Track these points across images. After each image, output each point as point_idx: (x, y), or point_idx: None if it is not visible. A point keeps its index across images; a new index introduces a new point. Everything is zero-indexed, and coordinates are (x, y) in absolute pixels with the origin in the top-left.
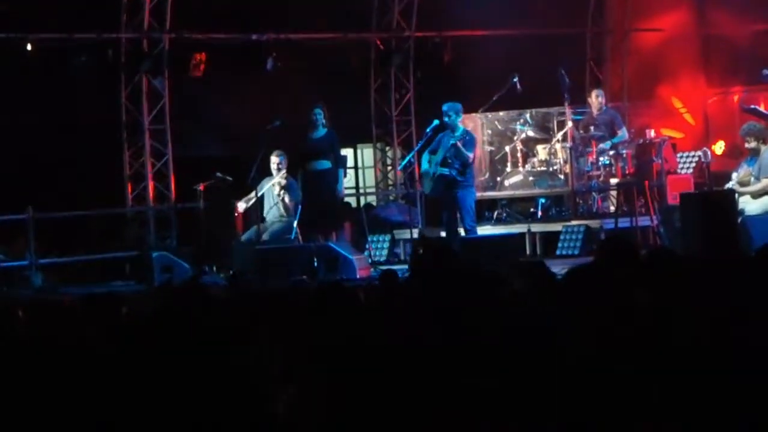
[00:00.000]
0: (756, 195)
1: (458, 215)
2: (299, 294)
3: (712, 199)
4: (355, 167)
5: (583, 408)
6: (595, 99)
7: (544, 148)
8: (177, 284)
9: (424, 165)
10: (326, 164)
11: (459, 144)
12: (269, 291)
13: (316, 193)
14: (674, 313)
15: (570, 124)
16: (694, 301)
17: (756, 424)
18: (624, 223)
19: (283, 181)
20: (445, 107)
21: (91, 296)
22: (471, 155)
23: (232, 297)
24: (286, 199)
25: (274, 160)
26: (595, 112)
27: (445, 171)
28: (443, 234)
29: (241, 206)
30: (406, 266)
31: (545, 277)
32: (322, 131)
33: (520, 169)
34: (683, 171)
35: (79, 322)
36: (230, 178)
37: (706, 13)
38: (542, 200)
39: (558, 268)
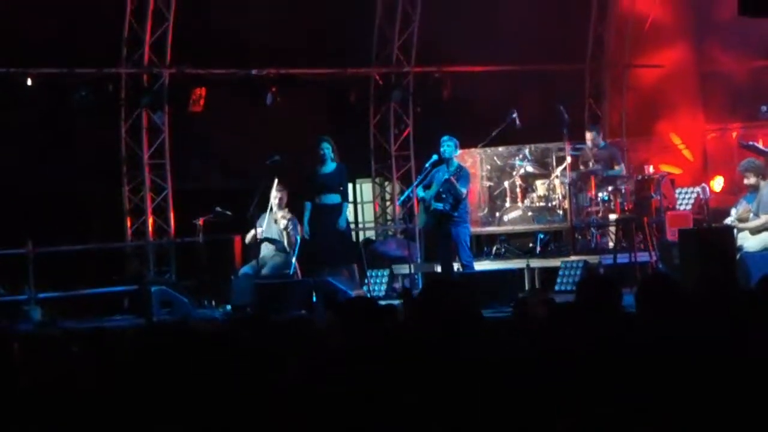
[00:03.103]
0: (755, 231)
1: (454, 250)
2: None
3: (710, 236)
4: (354, 202)
5: None
6: (590, 140)
7: (543, 184)
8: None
9: (422, 195)
10: (335, 198)
11: (452, 179)
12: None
13: (324, 227)
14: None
15: (569, 159)
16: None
17: None
18: (623, 259)
19: (288, 215)
20: (444, 138)
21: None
22: (464, 190)
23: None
24: (291, 235)
25: (275, 194)
26: (593, 149)
27: (439, 206)
28: (439, 269)
29: (250, 235)
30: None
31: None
32: (331, 165)
33: (519, 204)
34: (682, 207)
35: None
36: (230, 213)
37: (705, 50)
38: (541, 236)
39: None
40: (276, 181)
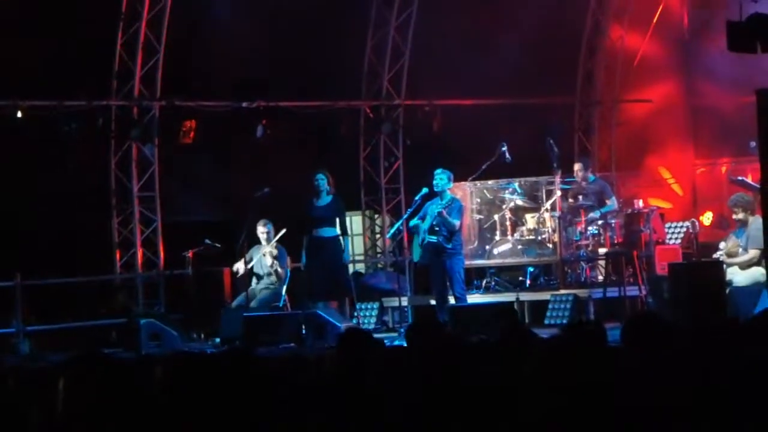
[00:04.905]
0: (744, 266)
1: (447, 283)
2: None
3: (700, 270)
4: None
5: None
6: (578, 172)
7: (533, 217)
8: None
9: (415, 223)
10: (332, 231)
11: (444, 212)
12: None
13: (321, 260)
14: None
15: (558, 193)
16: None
17: None
18: (612, 292)
19: (275, 251)
20: (437, 171)
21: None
22: (458, 222)
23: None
24: (278, 269)
25: (261, 230)
26: (583, 183)
27: (433, 238)
28: (432, 302)
29: (239, 266)
30: (395, 334)
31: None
32: (326, 198)
33: (509, 237)
34: (671, 241)
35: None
36: (219, 245)
37: (694, 85)
38: (531, 269)
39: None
40: (263, 215)
